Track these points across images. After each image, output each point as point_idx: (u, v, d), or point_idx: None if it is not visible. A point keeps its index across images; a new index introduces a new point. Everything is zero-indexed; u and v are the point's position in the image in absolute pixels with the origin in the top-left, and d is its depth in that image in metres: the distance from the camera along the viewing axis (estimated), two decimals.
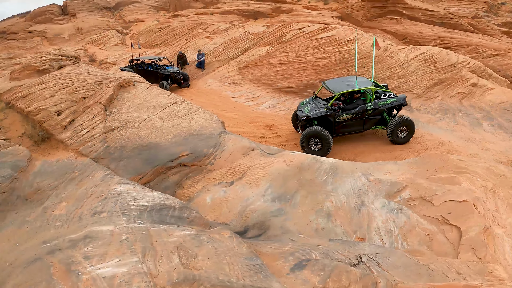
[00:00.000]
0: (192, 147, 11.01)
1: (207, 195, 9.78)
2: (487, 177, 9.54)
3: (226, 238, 6.37)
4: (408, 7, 37.67)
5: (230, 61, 28.96)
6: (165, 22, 41.45)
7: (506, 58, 30.30)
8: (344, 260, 6.29)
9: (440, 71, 22.64)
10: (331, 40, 24.11)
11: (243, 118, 20.59)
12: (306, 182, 9.88)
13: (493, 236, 7.45)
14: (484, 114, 19.55)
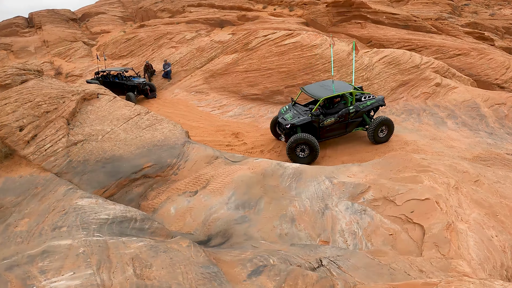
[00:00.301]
0: (155, 158, 10.86)
1: (172, 206, 9.66)
2: (450, 174, 9.55)
3: (184, 247, 6.25)
4: (372, 11, 38.06)
5: (197, 70, 28.85)
6: (132, 33, 41.20)
7: (469, 57, 30.78)
8: (304, 264, 6.18)
9: (404, 72, 22.85)
10: (295, 46, 24.20)
11: (209, 127, 20.48)
12: (270, 188, 9.81)
13: (457, 232, 7.43)
14: (449, 113, 19.76)
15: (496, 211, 8.38)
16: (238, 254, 6.57)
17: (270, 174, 10.32)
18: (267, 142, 17.97)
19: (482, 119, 19.10)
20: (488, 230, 7.81)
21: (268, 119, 20.93)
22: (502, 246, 7.54)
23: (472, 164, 11.07)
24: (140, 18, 53.23)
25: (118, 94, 22.81)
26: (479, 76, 29.16)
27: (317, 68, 22.58)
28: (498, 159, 15.21)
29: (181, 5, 50.91)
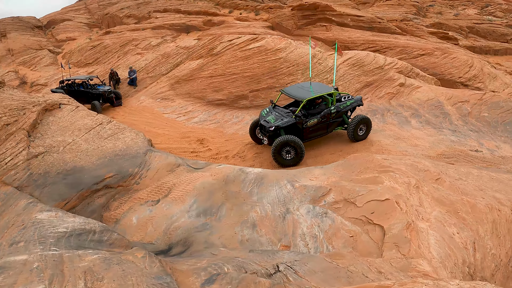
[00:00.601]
0: (117, 168, 10.64)
1: (134, 216, 9.44)
2: (411, 173, 9.49)
3: (138, 258, 6.06)
4: (337, 14, 38.35)
5: (162, 77, 28.66)
6: (97, 40, 40.75)
7: (433, 57, 31.21)
8: (260, 271, 6.01)
9: (368, 73, 23.00)
10: (260, 50, 24.19)
11: (174, 134, 20.32)
12: (232, 194, 9.67)
13: (417, 231, 7.35)
14: (412, 112, 19.89)
15: (457, 208, 8.33)
16: (194, 263, 6.39)
17: (232, 180, 10.17)
18: (232, 148, 17.88)
19: (445, 117, 19.26)
20: (449, 228, 7.75)
21: (233, 124, 20.87)
22: (463, 243, 7.48)
23: (434, 162, 11.06)
24: (106, 24, 52.59)
25: (83, 103, 22.88)
26: (443, 75, 29.54)
27: (281, 71, 22.60)
28: (461, 155, 15.32)
29: (147, 11, 50.53)
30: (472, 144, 16.66)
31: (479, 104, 20.08)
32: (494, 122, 18.81)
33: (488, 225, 8.10)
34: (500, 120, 18.86)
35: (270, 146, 16.01)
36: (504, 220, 8.38)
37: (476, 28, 50.23)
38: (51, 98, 13.81)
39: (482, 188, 9.63)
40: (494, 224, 8.19)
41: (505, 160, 15.47)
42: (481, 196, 9.06)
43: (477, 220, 8.13)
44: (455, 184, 9.50)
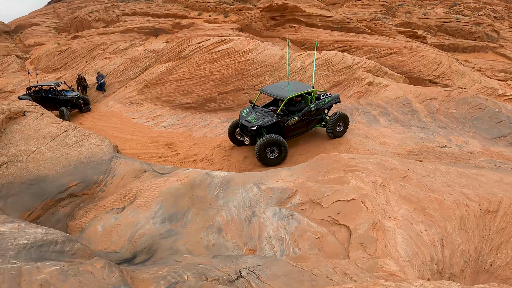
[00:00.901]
0: (82, 176, 10.41)
1: (99, 224, 9.23)
2: (377, 172, 9.38)
3: (97, 269, 5.84)
4: (306, 15, 38.33)
5: (131, 81, 28.18)
6: (65, 45, 39.84)
7: (401, 56, 31.44)
8: (222, 277, 5.83)
9: (337, 73, 23.02)
10: (228, 52, 24.04)
11: (143, 139, 19.99)
12: (198, 199, 9.50)
13: (383, 230, 7.23)
14: (381, 110, 19.93)
15: (425, 206, 8.23)
16: (156, 271, 6.18)
17: (198, 184, 10.00)
18: (200, 151, 17.67)
19: (414, 114, 19.33)
20: (416, 225, 7.64)
21: (201, 127, 20.68)
22: (431, 240, 7.37)
23: (402, 160, 10.98)
24: (75, 28, 51.62)
25: (51, 109, 22.33)
26: (411, 73, 29.77)
27: (249, 73, 22.50)
28: (430, 152, 15.35)
29: (116, 14, 49.78)
30: (441, 140, 16.73)
31: (447, 101, 20.21)
32: (462, 118, 18.95)
33: (456, 221, 8.03)
34: (468, 116, 19.01)
35: (252, 146, 16.23)
36: (472, 215, 8.31)
37: (444, 27, 50.83)
38: (15, 105, 13.47)
39: (449, 184, 9.56)
40: (462, 220, 8.12)
41: (474, 155, 15.55)
42: (448, 192, 8.99)
43: (445, 217, 8.05)
44: (423, 181, 9.40)
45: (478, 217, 8.35)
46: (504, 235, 8.25)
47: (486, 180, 10.17)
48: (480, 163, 14.11)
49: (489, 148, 16.62)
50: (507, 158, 15.78)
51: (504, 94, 23.36)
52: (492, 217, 8.47)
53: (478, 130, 18.04)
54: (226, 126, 19.98)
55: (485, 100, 20.01)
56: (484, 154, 15.92)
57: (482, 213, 8.46)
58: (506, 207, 8.70)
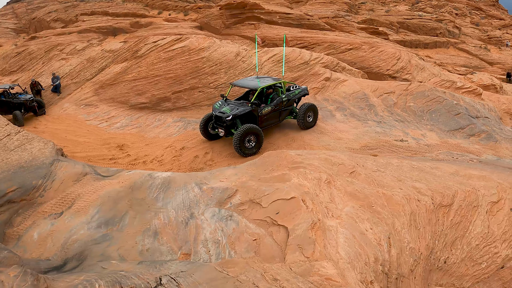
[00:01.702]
0: (20, 181, 9.77)
1: (35, 231, 8.64)
2: (324, 168, 8.90)
3: (10, 277, 5.28)
4: (266, 12, 38.09)
5: (87, 82, 27.40)
6: (22, 46, 38.90)
7: (361, 51, 31.42)
8: (140, 285, 5.39)
9: (294, 69, 22.76)
10: (183, 50, 23.55)
11: (95, 141, 19.36)
12: (137, 202, 8.97)
13: (324, 230, 6.73)
14: (338, 106, 19.67)
15: (372, 202, 7.76)
16: (72, 280, 5.70)
17: (139, 186, 9.47)
18: (151, 152, 17.17)
19: (371, 108, 19.09)
20: (361, 224, 7.15)
21: (154, 127, 20.15)
22: (377, 239, 6.90)
23: (351, 155, 10.53)
24: (33, 29, 50.47)
25: (4, 113, 22.43)
26: (371, 68, 29.72)
27: (204, 71, 22.10)
28: (386, 146, 15.07)
29: (75, 14, 48.91)
30: (397, 134, 16.46)
31: (405, 95, 20.02)
32: (419, 111, 18.75)
33: (406, 218, 7.58)
34: (425, 109, 18.82)
35: (226, 137, 16.68)
36: (424, 211, 7.90)
37: (406, 23, 51.36)
38: None
39: (401, 178, 9.16)
40: (412, 216, 7.68)
41: (431, 148, 15.30)
42: (399, 187, 8.56)
43: (393, 213, 7.60)
44: (372, 176, 8.95)
45: (430, 212, 7.93)
46: (459, 230, 7.88)
47: (441, 173, 9.84)
48: (437, 155, 13.82)
49: (447, 140, 16.41)
50: (465, 150, 15.60)
51: (462, 87, 23.24)
52: (445, 212, 8.10)
53: (435, 123, 17.85)
54: (179, 126, 19.55)
55: (443, 93, 19.85)
56: (442, 147, 15.70)
57: (435, 208, 8.06)
58: (461, 200, 8.36)
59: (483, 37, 56.54)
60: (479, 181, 9.36)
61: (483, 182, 9.27)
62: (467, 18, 65.58)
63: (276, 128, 17.56)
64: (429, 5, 66.41)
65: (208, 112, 19.50)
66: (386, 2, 68.75)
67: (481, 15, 70.22)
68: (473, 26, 61.56)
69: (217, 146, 16.77)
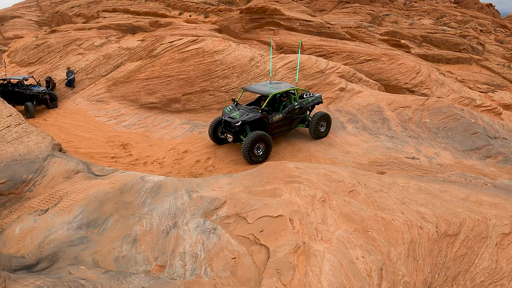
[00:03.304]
0: (11, 174, 9.61)
1: (18, 226, 8.49)
2: (321, 184, 8.31)
3: None
4: (286, 18, 37.69)
5: (101, 78, 27.42)
6: (42, 39, 39.01)
7: (379, 63, 30.80)
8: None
9: (308, 77, 22.26)
10: (197, 52, 23.29)
11: (100, 138, 19.11)
12: (123, 205, 8.60)
13: (308, 255, 6.15)
14: (350, 117, 19.07)
15: (368, 226, 7.12)
16: (32, 282, 5.56)
17: (128, 188, 9.12)
18: (153, 153, 16.80)
19: (384, 122, 18.42)
20: (353, 250, 6.52)
21: (161, 128, 19.80)
22: (367, 270, 6.26)
23: (355, 171, 9.89)
24: (56, 23, 50.67)
25: (17, 103, 22.83)
26: (388, 80, 29.09)
27: (216, 74, 21.74)
28: (396, 163, 14.39)
29: (96, 10, 48.94)
30: (409, 151, 15.77)
31: (421, 110, 19.29)
32: (435, 128, 18.01)
33: (404, 247, 6.92)
34: (441, 126, 18.07)
35: (235, 143, 16.16)
36: (426, 240, 7.20)
37: (429, 38, 50.58)
38: None
39: (404, 201, 8.48)
40: (412, 245, 7.00)
41: (443, 168, 14.60)
42: (401, 211, 7.89)
43: (390, 241, 6.94)
44: (372, 197, 8.30)
45: (432, 242, 7.23)
46: (463, 263, 7.17)
47: (450, 198, 9.12)
48: (449, 176, 13.10)
49: (461, 160, 15.67)
50: (480, 172, 14.84)
51: (481, 105, 22.42)
52: (450, 242, 7.38)
53: (451, 141, 17.09)
54: (186, 128, 19.18)
55: (461, 110, 19.08)
56: (455, 167, 14.96)
57: (438, 237, 7.35)
58: (469, 230, 7.66)
59: (507, 55, 55.39)
60: (491, 209, 8.65)
61: (495, 210, 8.57)
62: (491, 35, 64.45)
63: (283, 137, 17.08)
64: (454, 20, 65.44)
65: (217, 116, 18.99)
66: (411, 15, 67.89)
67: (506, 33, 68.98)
68: (497, 44, 60.40)
69: (220, 152, 16.36)
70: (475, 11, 74.84)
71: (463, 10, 71.28)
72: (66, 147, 13.84)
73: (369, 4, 61.92)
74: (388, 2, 68.74)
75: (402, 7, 72.34)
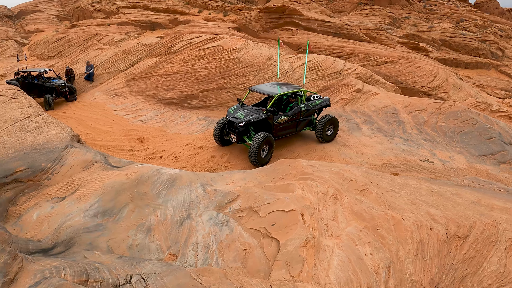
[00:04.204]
0: (30, 162, 9.96)
1: (35, 212, 8.80)
2: (333, 182, 8.44)
3: None
4: (304, 18, 37.72)
5: (120, 73, 27.84)
6: (62, 33, 39.55)
7: (397, 65, 30.77)
8: (108, 280, 5.34)
9: (325, 78, 22.34)
10: (216, 50, 23.52)
11: (118, 132, 19.49)
12: (139, 196, 8.92)
13: (317, 250, 6.30)
14: (365, 119, 19.14)
15: (378, 225, 7.24)
16: (46, 264, 5.68)
17: (144, 180, 9.42)
18: (170, 148, 17.08)
19: (399, 125, 18.47)
20: (362, 247, 6.65)
21: (178, 124, 20.10)
22: (375, 266, 6.38)
23: (368, 171, 10.00)
24: (76, 17, 51.32)
25: (36, 95, 23.50)
26: (406, 83, 29.04)
27: (234, 72, 21.92)
28: (409, 165, 14.46)
29: (117, 6, 49.35)
30: (424, 154, 15.82)
31: (437, 113, 19.32)
32: (450, 132, 18.03)
33: (412, 246, 7.02)
34: (457, 130, 18.08)
35: (238, 144, 15.98)
36: (435, 240, 7.29)
37: (449, 41, 50.27)
38: None
39: (416, 202, 8.57)
40: (420, 245, 7.09)
41: (457, 172, 14.63)
42: (411, 211, 7.98)
43: (399, 239, 7.05)
44: (384, 197, 8.42)
45: (441, 243, 7.31)
46: (471, 265, 7.22)
47: (461, 201, 9.17)
48: (462, 181, 13.12)
49: (475, 165, 15.69)
50: (493, 177, 14.84)
51: (498, 110, 22.38)
52: (459, 244, 7.44)
53: (465, 145, 17.09)
54: (202, 124, 19.41)
55: (477, 115, 19.06)
56: (469, 172, 14.99)
57: (447, 238, 7.42)
58: (478, 233, 7.70)
59: None
60: (502, 213, 8.66)
61: (506, 215, 8.57)
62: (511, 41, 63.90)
63: (299, 136, 17.18)
64: (474, 24, 64.91)
65: None
66: (430, 18, 67.46)
67: None
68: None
69: (235, 149, 16.51)
70: (495, 15, 74.05)
71: (483, 15, 70.61)
72: (84, 139, 14.16)
73: (388, 6, 61.60)
74: (407, 4, 68.33)
75: (422, 10, 71.83)
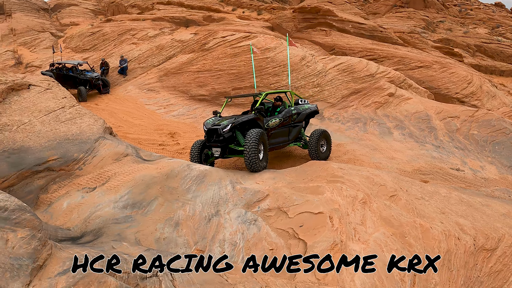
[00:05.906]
0: (63, 152, 10.41)
1: (66, 200, 9.21)
2: (363, 186, 8.48)
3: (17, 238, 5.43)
4: (338, 20, 37.56)
5: (153, 68, 28.18)
6: (97, 27, 40.21)
7: (431, 70, 30.41)
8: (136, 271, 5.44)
9: (358, 80, 22.17)
10: (249, 48, 23.37)
11: (149, 126, 19.73)
12: (168, 190, 9.21)
13: (343, 253, 6.34)
14: (397, 123, 18.94)
15: (406, 232, 7.25)
16: (77, 252, 5.80)
17: (174, 175, 9.75)
18: None
19: (431, 131, 18.25)
20: (388, 254, 6.67)
21: None
22: (401, 274, 6.40)
23: (398, 177, 10.00)
24: (111, 12, 52.04)
25: (70, 87, 23.74)
26: (439, 89, 28.71)
27: (266, 71, 21.92)
28: (440, 173, 14.30)
29: (151, 2, 49.92)
30: (455, 162, 15.62)
31: (470, 121, 19.03)
32: (482, 141, 17.75)
33: (440, 256, 7.01)
34: (489, 140, 17.79)
35: (223, 158, 13.15)
36: (462, 251, 7.27)
37: (484, 47, 49.49)
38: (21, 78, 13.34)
39: (445, 211, 8.55)
40: (447, 255, 7.10)
41: (487, 182, 14.42)
42: (440, 220, 7.97)
43: (426, 248, 7.07)
44: (413, 204, 8.41)
45: (469, 254, 7.29)
46: (498, 279, 7.19)
47: (491, 212, 9.10)
48: (492, 192, 12.98)
49: (507, 176, 15.42)
50: None
51: None
52: (486, 256, 7.41)
53: (498, 155, 16.80)
54: None
55: (511, 125, 18.75)
56: (500, 183, 14.74)
57: (475, 250, 7.40)
58: (507, 246, 7.64)
59: None
60: None
61: None
62: None
63: None
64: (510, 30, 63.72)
65: None
66: (466, 23, 66.45)
67: None
68: None
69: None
70: None
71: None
72: (116, 132, 14.36)
73: (423, 9, 60.81)
74: (443, 8, 67.37)
75: (457, 14, 70.75)
